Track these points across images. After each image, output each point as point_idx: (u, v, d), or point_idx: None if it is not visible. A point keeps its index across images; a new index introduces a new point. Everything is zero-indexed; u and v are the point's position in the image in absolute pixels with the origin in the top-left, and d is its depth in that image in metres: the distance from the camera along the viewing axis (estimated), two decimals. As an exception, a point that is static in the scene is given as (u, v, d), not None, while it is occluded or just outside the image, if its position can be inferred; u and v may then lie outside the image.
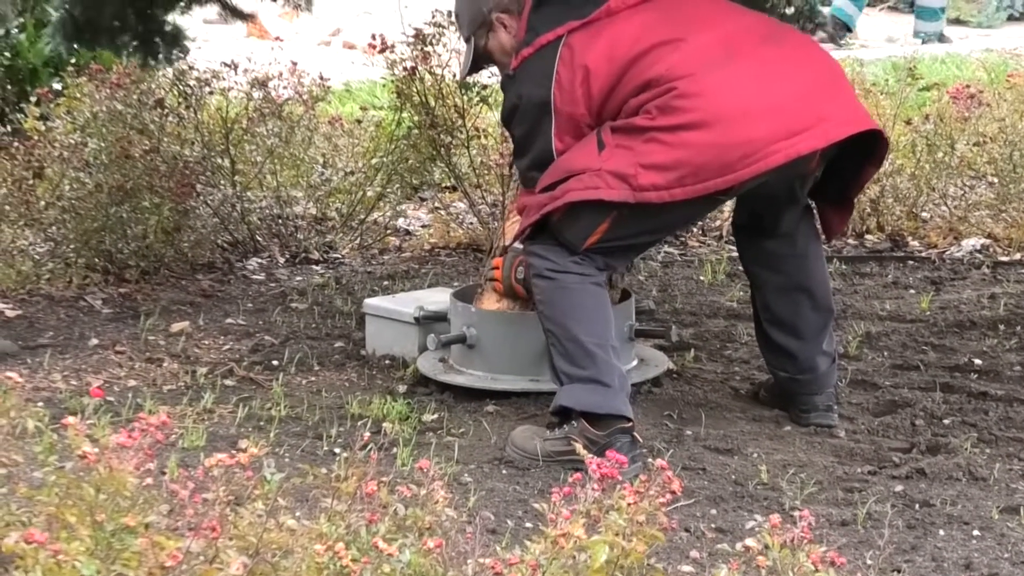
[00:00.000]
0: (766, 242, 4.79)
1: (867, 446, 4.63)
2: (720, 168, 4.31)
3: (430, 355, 5.11)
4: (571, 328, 4.42)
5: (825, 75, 4.56)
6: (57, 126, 6.51)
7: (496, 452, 4.52)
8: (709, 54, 4.38)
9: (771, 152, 4.32)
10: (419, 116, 6.87)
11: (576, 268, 4.45)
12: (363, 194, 7.04)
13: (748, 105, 4.34)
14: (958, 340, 5.64)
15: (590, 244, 4.43)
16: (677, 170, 4.31)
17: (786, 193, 4.64)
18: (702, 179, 4.31)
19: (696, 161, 4.31)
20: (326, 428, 4.67)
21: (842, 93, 4.56)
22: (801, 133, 4.35)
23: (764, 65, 4.43)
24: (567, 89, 4.42)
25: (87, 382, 5.06)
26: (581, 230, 4.42)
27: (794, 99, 4.40)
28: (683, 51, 4.37)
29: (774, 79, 4.41)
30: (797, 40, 4.68)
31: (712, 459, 4.50)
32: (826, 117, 4.42)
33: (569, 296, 4.45)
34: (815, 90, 4.47)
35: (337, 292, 6.22)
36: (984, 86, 8.17)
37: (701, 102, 4.32)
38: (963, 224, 7.07)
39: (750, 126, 4.32)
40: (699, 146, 4.31)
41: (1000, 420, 4.82)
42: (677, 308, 6.03)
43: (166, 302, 6.04)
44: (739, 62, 4.39)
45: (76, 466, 3.08)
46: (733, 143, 4.31)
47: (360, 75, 10.35)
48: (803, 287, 4.77)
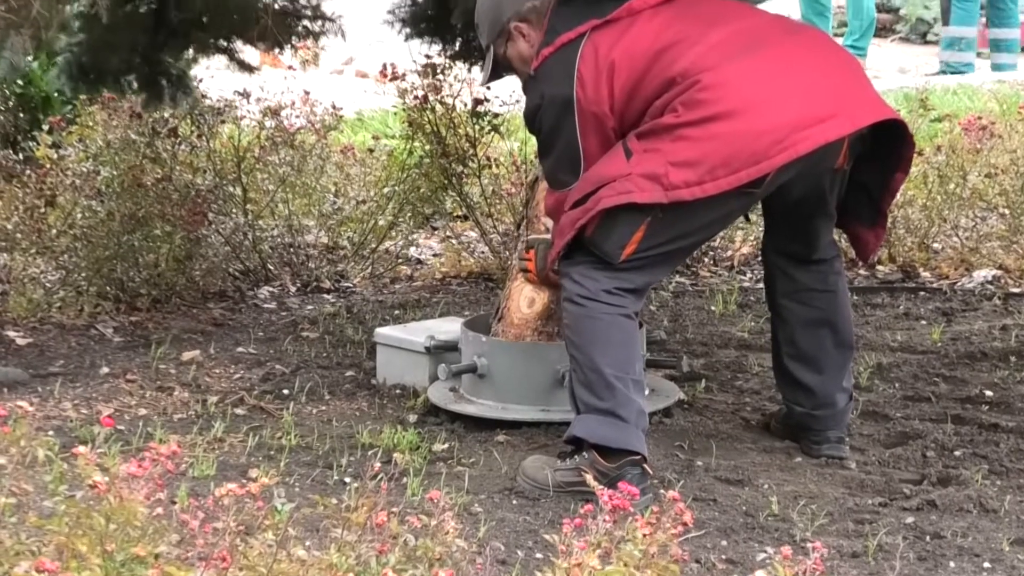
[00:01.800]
0: (799, 274, 4.76)
1: (878, 478, 4.62)
2: (751, 156, 4.27)
3: (441, 385, 5.11)
4: (595, 358, 4.39)
5: (846, 67, 4.56)
6: (69, 154, 6.55)
7: (506, 482, 4.51)
8: (731, 46, 4.37)
9: (801, 139, 4.29)
10: (431, 145, 6.89)
11: (608, 298, 4.40)
12: (375, 223, 7.05)
13: (774, 93, 4.33)
14: (969, 372, 5.64)
15: (628, 254, 4.36)
16: (707, 163, 4.27)
17: (816, 198, 4.60)
18: (734, 170, 4.27)
19: (725, 151, 4.27)
20: (336, 458, 4.66)
21: (863, 84, 4.55)
22: (828, 120, 4.33)
23: (787, 56, 4.42)
24: (590, 87, 4.40)
25: (98, 411, 5.07)
26: (618, 239, 4.36)
27: (819, 88, 4.38)
28: (705, 45, 4.36)
29: (797, 69, 4.40)
30: (816, 34, 4.68)
31: (723, 490, 4.49)
32: (851, 105, 4.41)
33: (597, 326, 4.41)
34: (838, 80, 4.46)
35: (348, 321, 6.23)
36: (996, 118, 8.18)
37: (726, 91, 4.30)
38: (974, 255, 7.07)
39: (777, 113, 4.30)
40: (728, 136, 4.28)
41: (1011, 452, 4.81)
42: (688, 338, 6.03)
43: (177, 331, 6.05)
44: (762, 53, 4.38)
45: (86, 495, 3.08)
46: (762, 130, 4.28)
47: (372, 104, 10.36)
48: (829, 322, 4.76)
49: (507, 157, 7.34)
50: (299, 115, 6.95)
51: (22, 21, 4.06)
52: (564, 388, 4.83)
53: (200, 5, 5.64)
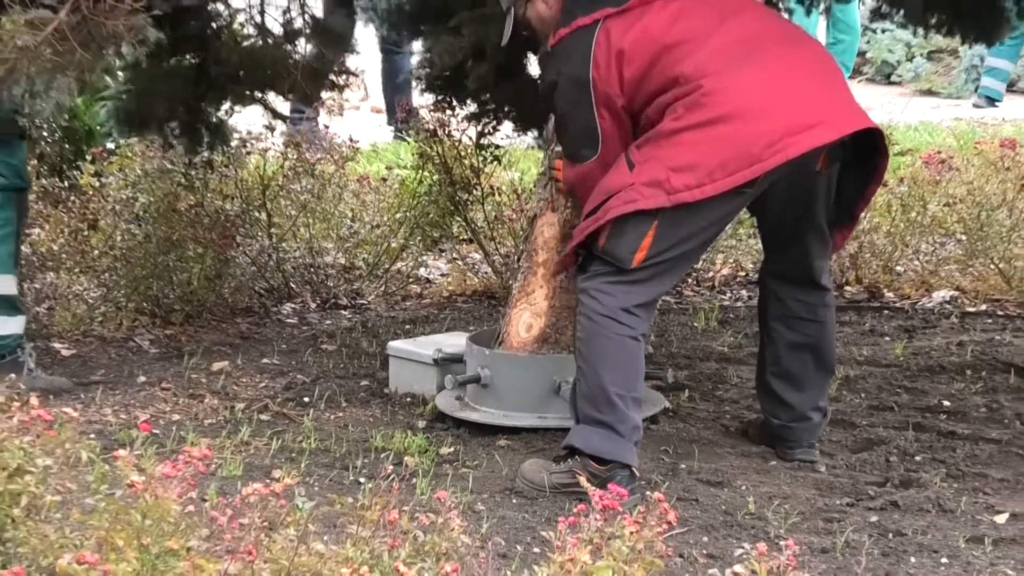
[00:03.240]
0: (792, 301, 4.73)
1: (845, 480, 4.61)
2: (746, 159, 4.24)
3: (447, 393, 5.11)
4: (601, 374, 4.37)
5: (832, 78, 4.52)
6: (110, 182, 6.55)
7: (507, 483, 4.50)
8: (733, 52, 4.33)
9: (791, 143, 4.26)
10: (439, 175, 6.90)
11: (624, 317, 4.37)
12: (388, 245, 7.05)
13: (769, 100, 4.29)
14: (929, 383, 5.63)
15: (640, 260, 4.32)
16: (705, 166, 4.24)
17: (801, 203, 4.57)
18: (730, 172, 4.24)
19: (723, 155, 4.24)
20: (352, 460, 4.66)
21: (847, 94, 4.52)
22: (816, 126, 4.30)
23: (782, 65, 4.38)
24: (604, 70, 4.36)
25: (135, 416, 5.07)
26: (629, 244, 4.32)
27: (808, 97, 4.35)
28: (710, 48, 4.32)
29: (791, 78, 4.36)
30: (809, 43, 4.61)
31: (704, 491, 4.48)
32: (836, 114, 4.39)
33: (608, 345, 4.38)
34: (825, 90, 4.43)
35: (363, 335, 6.22)
36: (954, 152, 8.17)
37: (726, 98, 4.26)
38: (934, 277, 7.07)
39: (771, 119, 4.27)
40: (725, 140, 4.25)
41: (967, 457, 4.80)
42: (673, 352, 6.02)
43: (208, 343, 6.05)
44: (761, 61, 4.33)
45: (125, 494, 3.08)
46: (757, 134, 4.25)
47: (386, 137, 10.39)
48: (813, 348, 4.74)
49: (508, 186, 7.34)
50: (319, 147, 6.96)
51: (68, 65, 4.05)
52: (560, 397, 4.83)
53: (237, 60, 5.66)
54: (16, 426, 3.43)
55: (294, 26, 5.79)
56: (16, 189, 5.25)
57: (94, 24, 4.04)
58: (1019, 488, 4.54)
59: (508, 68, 5.73)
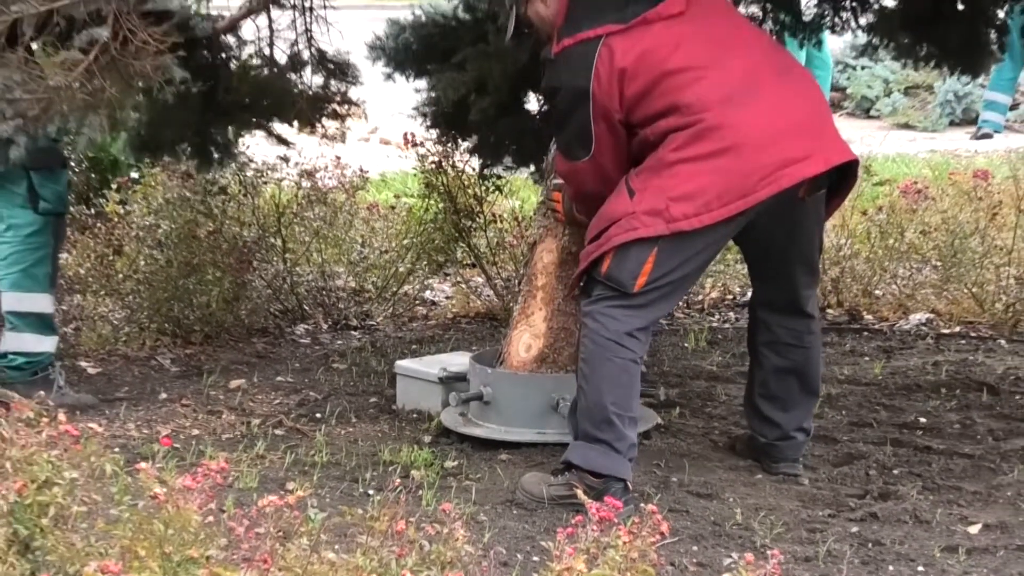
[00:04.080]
0: (779, 328, 4.72)
1: (827, 492, 4.61)
2: (741, 190, 4.26)
3: (452, 410, 5.11)
4: (603, 394, 4.36)
5: (820, 110, 4.52)
6: (134, 210, 6.56)
7: (508, 495, 4.49)
8: (734, 85, 4.31)
9: (784, 175, 4.28)
10: (444, 203, 6.90)
11: (627, 341, 4.36)
12: (395, 270, 7.05)
13: (765, 135, 4.28)
14: (906, 401, 5.63)
15: (641, 285, 4.32)
16: (703, 197, 4.25)
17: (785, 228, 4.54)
18: (725, 202, 4.25)
19: (720, 186, 4.25)
20: (362, 473, 4.65)
21: (832, 127, 4.53)
22: (806, 159, 4.31)
23: (777, 98, 4.36)
24: (605, 85, 4.33)
25: (157, 431, 5.06)
26: (631, 269, 4.32)
27: (800, 130, 4.35)
28: (711, 79, 4.30)
29: (785, 111, 4.35)
30: (800, 74, 4.60)
31: (694, 503, 4.48)
32: (824, 146, 4.40)
33: (610, 368, 4.37)
34: (815, 123, 4.43)
35: (372, 354, 6.22)
36: (929, 182, 8.18)
37: (727, 132, 4.25)
38: (911, 301, 7.07)
39: (767, 152, 4.27)
40: (723, 171, 4.25)
41: (942, 471, 4.80)
42: (664, 371, 6.02)
43: (225, 362, 6.05)
44: (758, 95, 4.32)
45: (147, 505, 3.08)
46: (753, 167, 4.25)
47: (394, 167, 10.36)
48: (799, 372, 4.73)
49: (509, 214, 7.34)
50: (331, 177, 6.96)
51: (98, 103, 4.07)
52: (558, 413, 4.83)
53: (245, 89, 5.67)
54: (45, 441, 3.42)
55: (301, 58, 5.80)
56: (56, 214, 5.26)
57: (123, 64, 4.06)
58: (991, 500, 4.54)
59: (509, 103, 5.75)
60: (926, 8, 5.72)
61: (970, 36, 5.71)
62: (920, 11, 5.75)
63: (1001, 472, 4.79)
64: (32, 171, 5.12)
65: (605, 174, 4.46)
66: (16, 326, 5.27)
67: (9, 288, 5.25)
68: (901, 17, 5.86)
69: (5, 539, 3.09)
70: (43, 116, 4.05)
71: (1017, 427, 5.28)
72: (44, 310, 5.27)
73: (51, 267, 5.28)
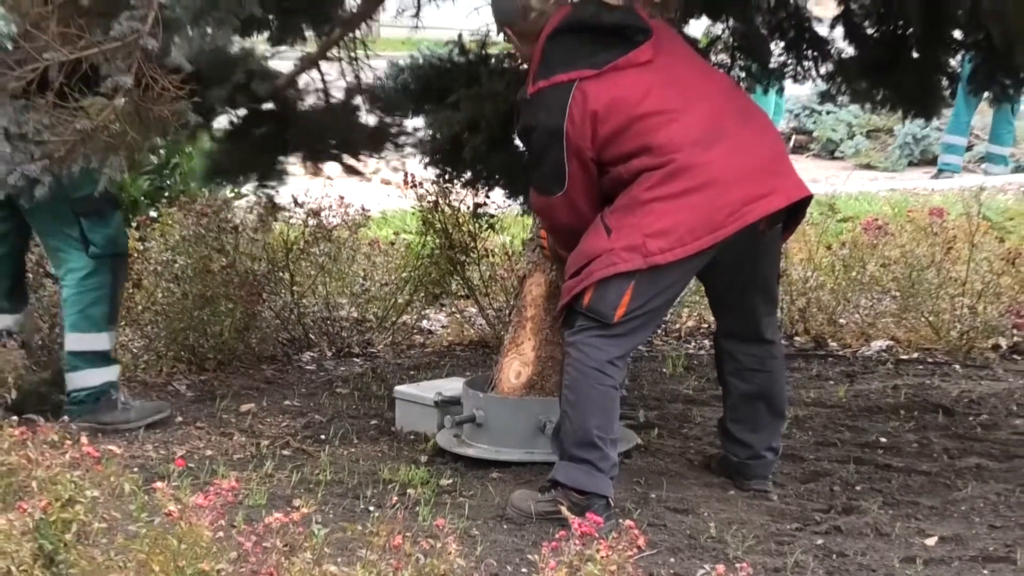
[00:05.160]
0: (742, 356, 4.73)
1: (795, 508, 4.62)
2: (711, 225, 4.28)
3: (447, 432, 5.10)
4: (587, 419, 4.36)
5: (778, 150, 4.56)
6: (152, 246, 6.55)
7: (499, 511, 4.50)
8: (701, 129, 4.32)
9: (749, 211, 4.31)
10: (440, 239, 6.90)
11: (609, 369, 4.37)
12: (395, 301, 7.05)
13: (732, 173, 4.31)
14: (868, 422, 5.64)
15: (621, 315, 4.33)
16: (676, 232, 4.27)
17: (747, 261, 4.56)
18: (697, 236, 4.28)
19: (692, 222, 4.27)
20: (363, 490, 4.65)
21: (789, 166, 4.56)
22: (769, 195, 4.35)
23: (741, 139, 4.38)
24: (578, 125, 4.34)
25: (173, 452, 5.06)
26: (611, 301, 4.33)
27: (762, 168, 4.38)
28: (681, 123, 4.32)
29: (748, 152, 4.37)
30: (759, 117, 4.61)
31: (671, 517, 4.49)
32: (784, 183, 4.43)
33: (593, 394, 4.38)
34: (775, 161, 4.47)
35: (373, 380, 6.21)
36: (889, 219, 8.18)
37: (696, 172, 4.28)
38: (872, 329, 7.07)
39: (734, 190, 4.29)
40: (695, 208, 4.27)
41: (901, 487, 4.81)
42: (644, 394, 6.02)
43: (237, 387, 6.04)
44: (724, 136, 4.34)
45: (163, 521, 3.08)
46: (721, 204, 4.28)
47: (394, 206, 10.36)
48: (764, 396, 4.74)
49: (501, 248, 7.34)
50: (336, 215, 6.96)
51: (119, 145, 4.08)
52: (545, 435, 4.83)
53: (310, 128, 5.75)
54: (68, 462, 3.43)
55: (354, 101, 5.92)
56: (111, 255, 5.23)
57: (143, 109, 4.07)
58: (947, 514, 4.55)
59: (500, 140, 5.76)
60: (883, 56, 5.75)
61: (924, 82, 5.74)
62: (877, 59, 5.78)
63: (956, 488, 4.80)
64: (82, 217, 5.13)
65: (578, 209, 4.47)
66: (76, 366, 5.27)
67: (70, 329, 5.26)
68: (859, 65, 5.89)
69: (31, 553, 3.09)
70: (68, 157, 4.06)
71: (971, 446, 5.29)
72: (101, 347, 5.26)
73: (108, 306, 5.25)
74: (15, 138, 3.99)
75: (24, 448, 3.59)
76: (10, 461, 3.51)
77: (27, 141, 4.03)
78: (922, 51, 5.70)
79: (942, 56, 5.71)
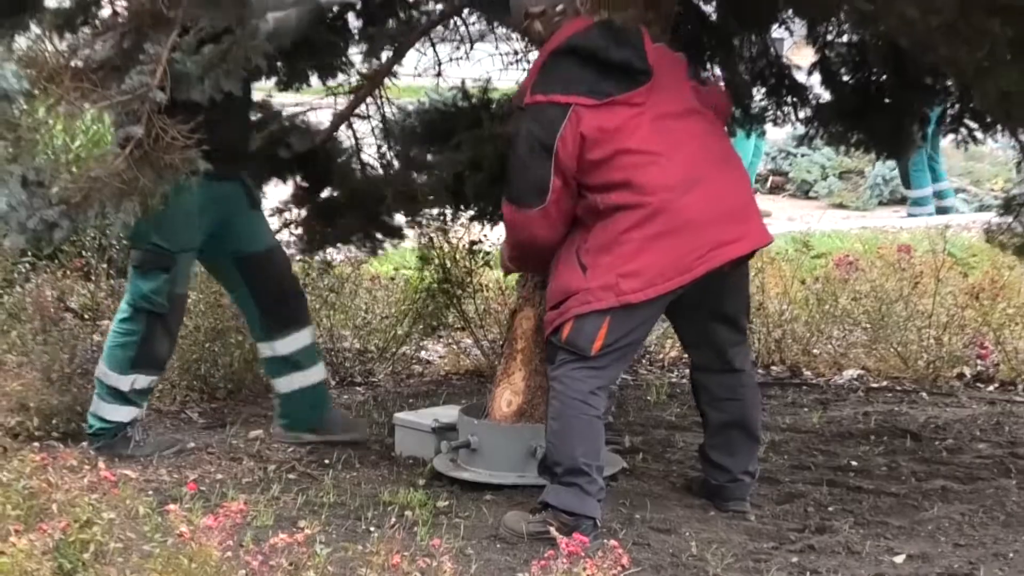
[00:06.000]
0: (714, 386, 4.73)
1: (771, 527, 4.62)
2: (680, 268, 4.30)
3: (443, 456, 5.09)
4: (574, 448, 4.37)
5: (748, 199, 4.56)
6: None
7: (492, 531, 4.50)
8: (678, 175, 4.32)
9: (716, 255, 4.33)
10: (438, 275, 6.91)
11: (591, 399, 4.38)
12: (395, 333, 7.05)
13: (705, 220, 4.31)
14: (840, 447, 5.64)
15: (598, 348, 4.35)
16: (648, 273, 4.29)
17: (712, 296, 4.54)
18: (668, 278, 4.30)
19: (662, 264, 4.29)
20: (364, 512, 4.65)
21: (756, 213, 4.57)
22: (736, 241, 4.37)
23: (715, 188, 4.37)
24: (569, 146, 4.32)
25: (185, 476, 5.05)
26: (589, 336, 4.35)
27: (731, 216, 4.39)
28: (660, 167, 4.30)
29: (720, 200, 4.37)
30: (735, 165, 4.60)
31: (655, 537, 4.49)
32: (751, 230, 4.46)
33: (577, 424, 4.39)
34: (744, 210, 4.48)
35: (374, 407, 6.21)
36: (860, 256, 8.22)
37: (670, 216, 4.29)
38: (844, 359, 7.08)
39: (705, 235, 4.31)
40: (667, 250, 4.29)
41: (871, 508, 4.81)
42: (630, 421, 6.02)
43: (246, 415, 6.03)
44: (699, 185, 4.33)
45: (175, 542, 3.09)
46: (691, 248, 4.30)
47: (393, 243, 10.38)
48: (738, 423, 4.74)
49: (495, 283, 7.36)
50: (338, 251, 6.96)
51: (132, 191, 4.10)
52: (536, 460, 4.83)
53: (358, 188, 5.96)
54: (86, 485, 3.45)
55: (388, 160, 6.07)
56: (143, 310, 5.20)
57: (154, 157, 4.09)
58: (914, 533, 4.56)
59: (500, 178, 5.79)
60: (857, 102, 5.79)
61: (896, 125, 5.76)
62: (852, 104, 5.82)
63: (923, 509, 4.80)
64: (132, 266, 5.21)
65: (553, 226, 4.46)
66: (99, 393, 5.30)
67: (103, 357, 5.32)
68: (836, 110, 5.93)
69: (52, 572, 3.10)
70: (84, 203, 4.07)
71: (936, 469, 5.30)
72: (117, 386, 5.25)
73: (134, 353, 5.22)
74: (33, 185, 4.00)
75: (45, 472, 3.60)
76: (32, 485, 3.52)
77: (44, 188, 4.04)
78: (894, 96, 5.73)
79: (912, 101, 5.74)
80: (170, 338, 5.36)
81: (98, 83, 4.03)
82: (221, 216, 5.25)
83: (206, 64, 3.93)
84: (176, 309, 5.30)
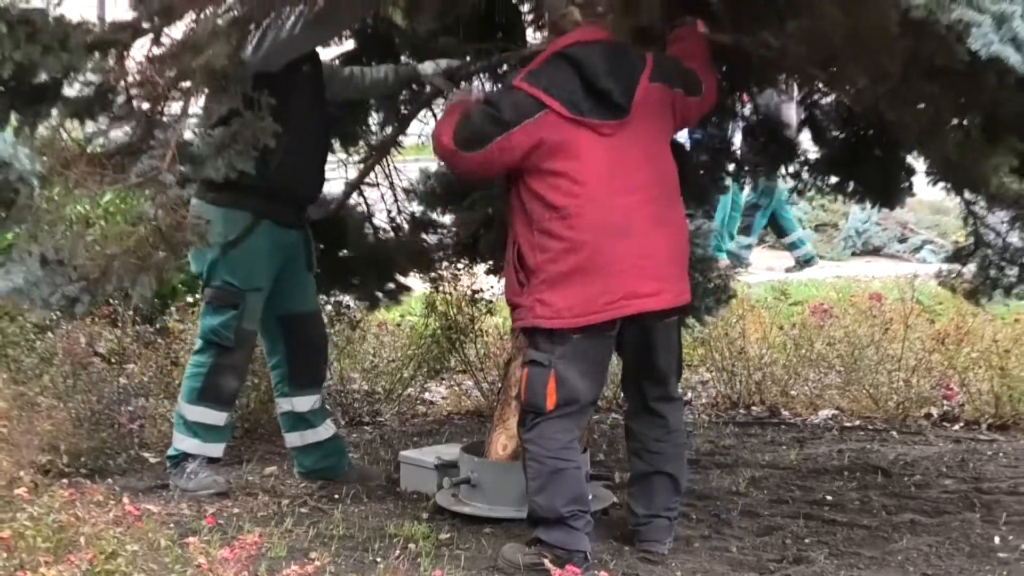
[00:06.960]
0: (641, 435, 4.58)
1: (752, 558, 4.61)
2: (587, 309, 4.23)
3: (446, 492, 5.10)
4: (555, 502, 4.31)
5: (680, 259, 4.44)
6: (189, 328, 6.57)
7: (491, 562, 4.49)
8: (616, 221, 4.21)
9: (626, 305, 4.26)
10: (441, 321, 6.93)
11: (566, 454, 4.32)
12: (401, 375, 7.06)
13: (620, 269, 4.24)
14: (816, 482, 5.63)
15: (552, 404, 4.27)
16: (555, 305, 4.24)
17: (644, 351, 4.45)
18: (574, 315, 4.23)
19: (570, 300, 4.23)
20: (371, 544, 4.64)
21: (684, 274, 4.47)
22: (654, 295, 4.30)
23: (647, 240, 4.28)
24: (524, 138, 4.22)
25: (204, 510, 5.02)
26: (540, 393, 4.29)
27: (652, 271, 4.29)
28: (601, 208, 4.20)
29: (647, 254, 4.28)
30: (678, 225, 4.45)
31: (643, 567, 4.48)
32: (673, 288, 4.37)
33: (556, 478, 4.33)
34: (671, 269, 4.37)
35: (381, 445, 6.21)
36: (834, 303, 8.25)
37: (592, 257, 4.22)
38: (819, 400, 7.08)
39: (618, 283, 4.23)
40: (576, 289, 4.22)
41: (845, 540, 4.80)
42: (620, 458, 5.99)
43: (261, 452, 6.03)
44: (631, 235, 4.24)
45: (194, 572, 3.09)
46: (601, 292, 4.22)
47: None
48: (662, 473, 4.59)
49: (494, 329, 7.38)
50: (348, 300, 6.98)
51: (148, 266, 4.11)
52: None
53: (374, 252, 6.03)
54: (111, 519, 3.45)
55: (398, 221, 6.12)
56: (210, 343, 5.21)
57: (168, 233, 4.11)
58: (885, 563, 4.55)
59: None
60: (848, 155, 5.80)
61: (886, 175, 5.75)
62: (843, 157, 5.82)
63: (893, 540, 4.80)
64: (206, 304, 5.23)
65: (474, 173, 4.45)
66: (175, 421, 5.35)
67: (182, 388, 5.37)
68: (827, 162, 5.92)
69: (78, 601, 3.09)
70: (103, 278, 4.08)
71: (906, 503, 5.30)
72: (184, 415, 5.27)
73: (200, 384, 5.22)
74: (53, 263, 4.02)
75: (73, 507, 3.60)
76: (61, 519, 3.52)
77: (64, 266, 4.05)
78: (882, 149, 5.73)
79: (900, 153, 5.74)
80: (236, 373, 5.34)
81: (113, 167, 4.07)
82: (283, 264, 5.26)
83: (218, 145, 3.98)
84: (243, 345, 5.28)
